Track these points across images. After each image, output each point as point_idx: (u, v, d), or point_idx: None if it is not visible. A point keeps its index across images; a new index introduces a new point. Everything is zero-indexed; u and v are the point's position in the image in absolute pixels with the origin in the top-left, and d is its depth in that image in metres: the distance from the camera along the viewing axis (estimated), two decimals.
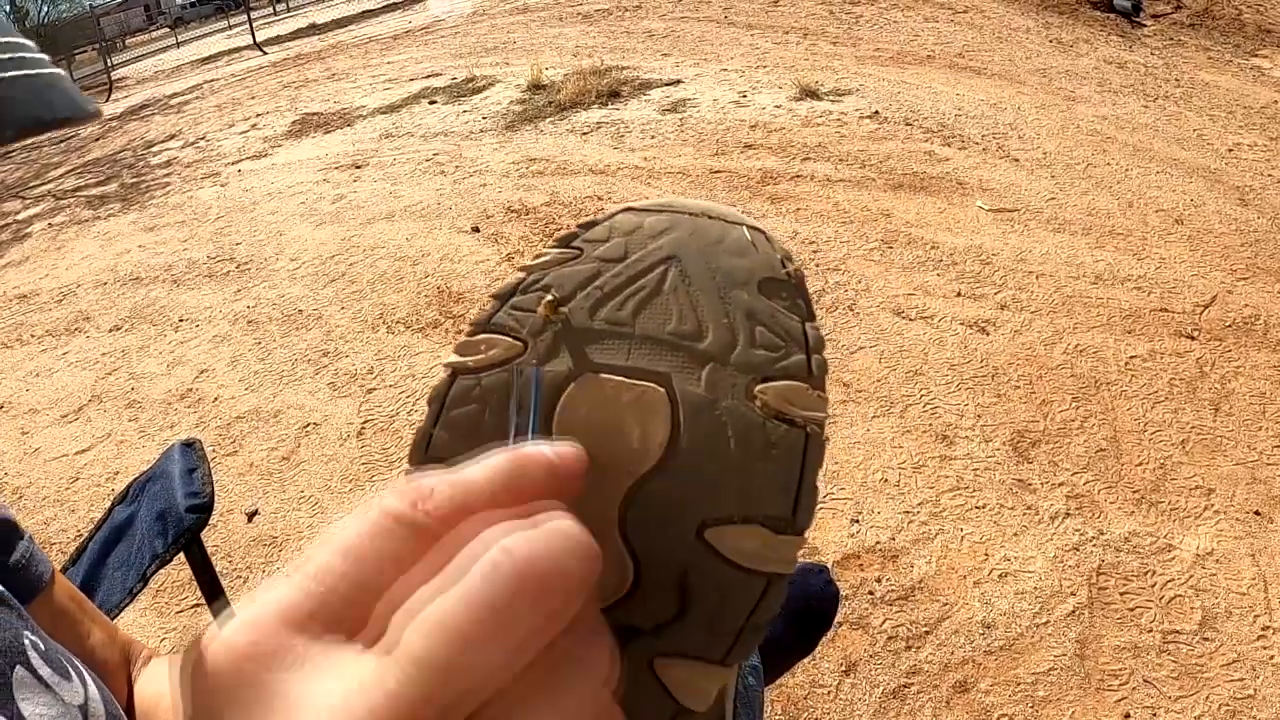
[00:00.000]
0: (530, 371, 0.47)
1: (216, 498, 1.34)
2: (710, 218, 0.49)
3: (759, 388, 0.45)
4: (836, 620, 2.47)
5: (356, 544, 0.34)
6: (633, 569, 0.45)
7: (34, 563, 0.84)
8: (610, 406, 0.45)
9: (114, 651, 0.91)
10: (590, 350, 0.46)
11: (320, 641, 0.32)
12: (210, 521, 1.32)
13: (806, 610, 1.76)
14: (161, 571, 2.99)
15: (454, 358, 0.48)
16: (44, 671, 0.71)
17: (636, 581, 0.45)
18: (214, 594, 1.35)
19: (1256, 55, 8.08)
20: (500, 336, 0.48)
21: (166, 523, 1.25)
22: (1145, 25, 9.15)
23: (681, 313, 0.46)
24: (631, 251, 0.48)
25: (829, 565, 2.35)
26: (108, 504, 1.43)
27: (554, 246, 0.50)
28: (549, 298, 0.47)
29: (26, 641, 0.72)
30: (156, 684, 0.90)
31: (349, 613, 0.33)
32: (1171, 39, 8.71)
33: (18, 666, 0.68)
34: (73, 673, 0.74)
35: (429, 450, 0.47)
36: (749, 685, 1.21)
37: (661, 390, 0.45)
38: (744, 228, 0.49)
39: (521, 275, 0.49)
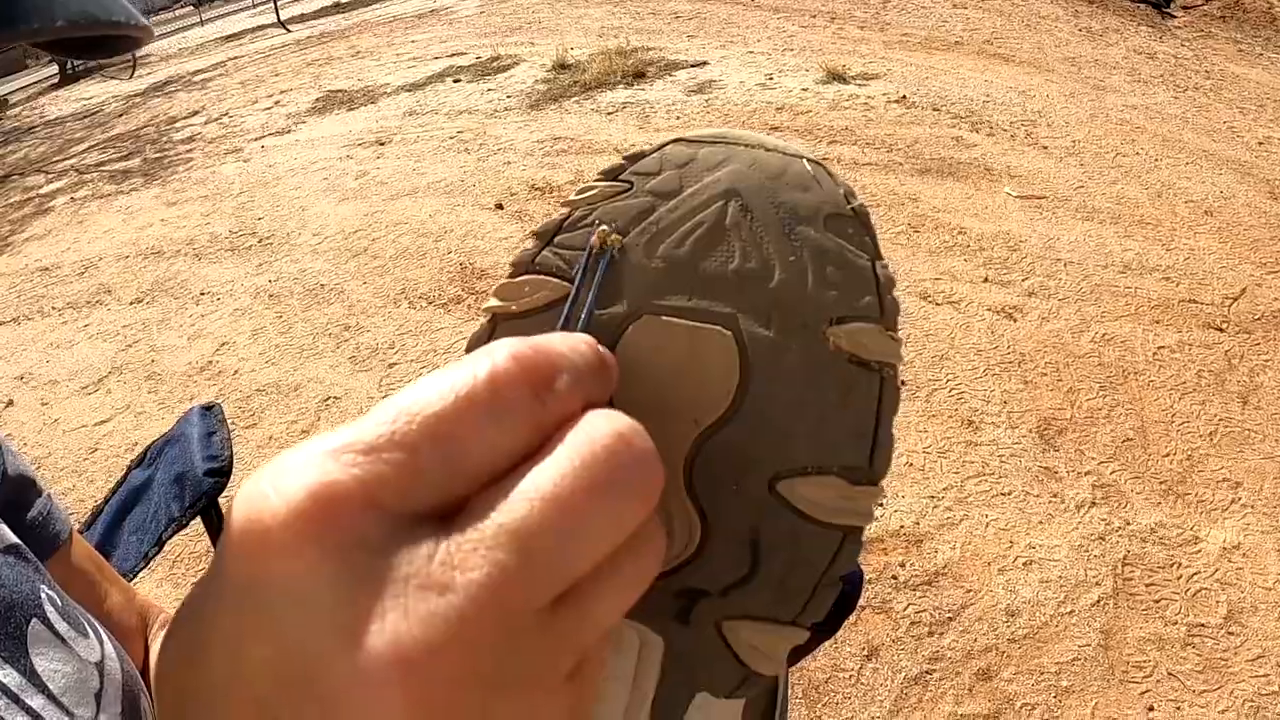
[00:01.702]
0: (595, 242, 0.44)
1: (235, 470, 1.33)
2: (767, 149, 0.46)
3: (830, 330, 0.42)
4: (859, 604, 2.46)
5: (459, 428, 0.30)
6: (700, 528, 0.42)
7: (51, 520, 0.83)
8: (673, 351, 0.42)
9: (131, 614, 0.89)
10: (648, 290, 0.43)
11: (406, 527, 0.29)
12: (228, 489, 1.31)
13: None
14: (178, 541, 2.98)
15: (495, 301, 0.45)
16: (61, 627, 0.69)
17: (703, 541, 0.42)
18: None
19: None
20: (546, 277, 0.45)
21: (184, 486, 1.23)
22: (1175, 16, 9.05)
23: (746, 250, 0.43)
24: (686, 185, 0.45)
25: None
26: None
27: (600, 179, 0.46)
28: (603, 228, 0.44)
29: (44, 595, 0.70)
30: None
31: (440, 497, 0.30)
32: (1201, 30, 8.61)
33: (34, 620, 0.67)
34: (89, 630, 0.73)
35: None
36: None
37: (729, 333, 0.42)
38: (804, 160, 0.45)
39: (566, 211, 0.45)
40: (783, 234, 0.43)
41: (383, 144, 7.27)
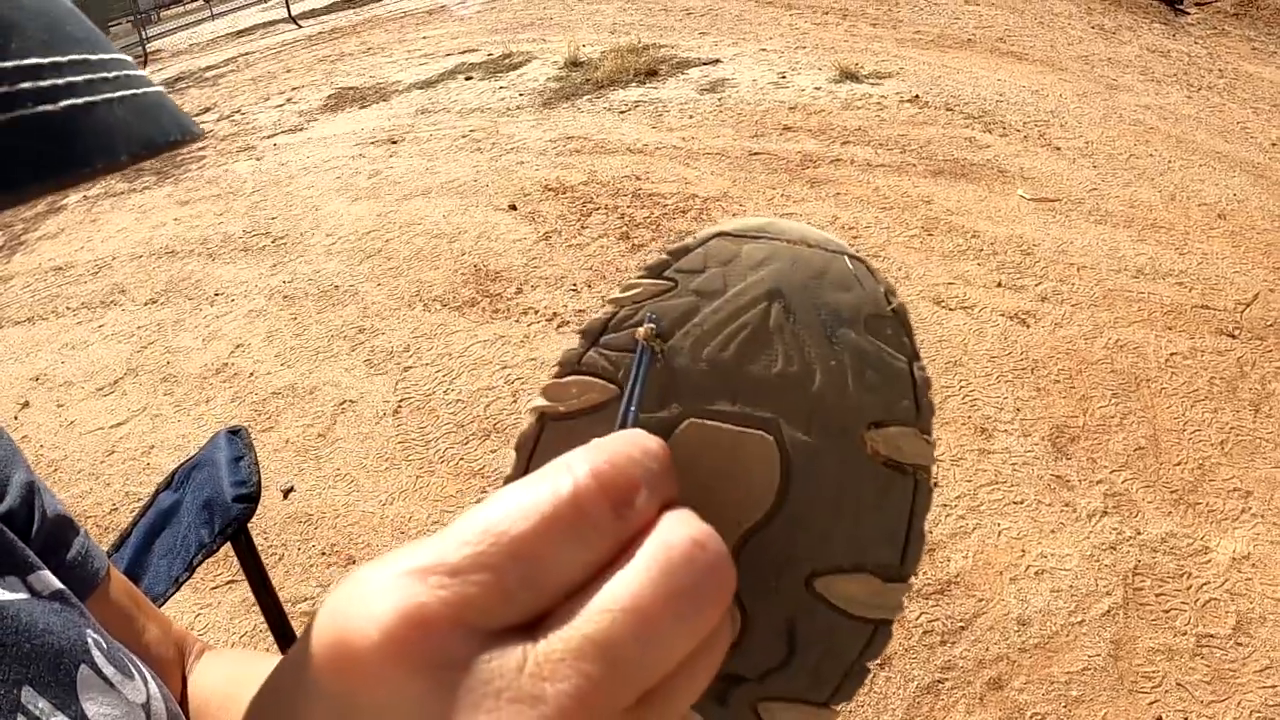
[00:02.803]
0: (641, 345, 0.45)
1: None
2: (810, 245, 0.47)
3: (868, 434, 0.44)
4: None
5: (542, 547, 0.32)
6: (740, 619, 0.44)
7: (90, 559, 0.85)
8: (717, 454, 0.44)
9: (169, 647, 0.91)
10: (694, 394, 0.44)
11: (493, 642, 0.31)
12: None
13: None
14: None
15: (541, 401, 0.46)
16: (108, 671, 0.71)
17: (743, 631, 0.44)
18: (260, 584, 1.35)
19: None
20: (593, 379, 0.46)
21: (213, 512, 1.25)
22: (1188, 14, 9.02)
23: (788, 354, 0.44)
24: (730, 284, 0.46)
25: None
26: (145, 477, 1.45)
27: (644, 276, 0.47)
28: (649, 326, 0.45)
29: (90, 640, 0.72)
30: (210, 679, 0.90)
31: (524, 613, 0.32)
32: (1215, 28, 8.58)
33: (82, 665, 0.69)
34: (134, 671, 0.75)
35: None
36: None
37: (771, 438, 0.43)
38: (846, 258, 0.46)
39: (612, 309, 0.46)
40: (824, 337, 0.44)
41: (395, 142, 7.29)
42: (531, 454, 0.46)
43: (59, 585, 0.75)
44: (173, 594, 1.19)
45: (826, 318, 0.45)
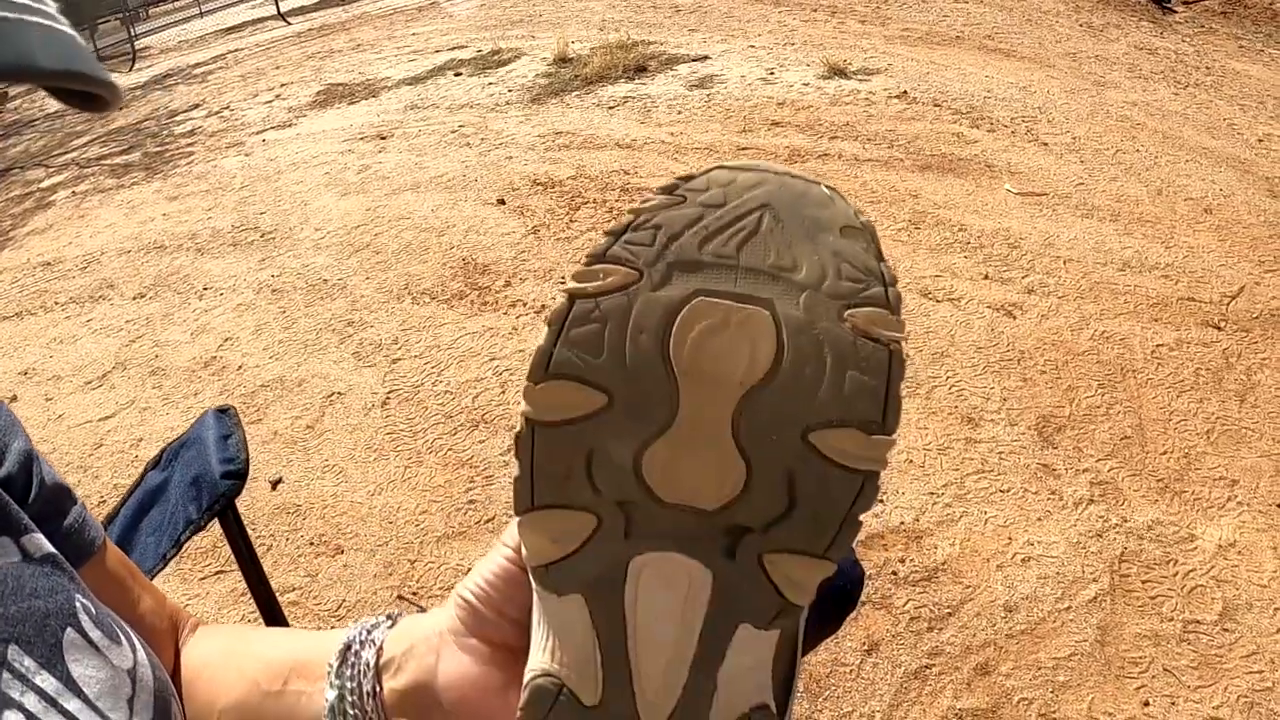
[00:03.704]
0: None
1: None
2: (793, 177, 0.55)
3: (848, 312, 0.51)
4: (860, 600, 2.49)
5: None
6: (745, 471, 0.51)
7: (86, 528, 0.86)
8: (721, 327, 0.51)
9: (162, 619, 0.92)
10: (699, 277, 0.52)
11: None
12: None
13: (831, 590, 1.77)
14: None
15: (572, 284, 0.53)
16: (94, 635, 0.72)
17: (747, 482, 0.51)
18: (249, 560, 1.36)
19: None
20: (616, 266, 0.53)
21: (201, 489, 1.25)
22: (1176, 12, 9.05)
23: (779, 250, 0.53)
24: (730, 199, 0.54)
25: (855, 549, 2.35)
26: (134, 469, 1.45)
27: (659, 194, 0.55)
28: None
29: (78, 605, 0.73)
30: (202, 651, 0.91)
31: None
32: (1202, 26, 8.61)
33: (69, 629, 0.69)
34: (122, 637, 0.75)
35: (549, 367, 0.53)
36: None
37: (767, 313, 0.51)
38: (822, 186, 0.54)
39: (632, 216, 0.54)
40: (807, 239, 0.53)
41: (384, 138, 7.28)
42: (563, 327, 0.53)
43: (51, 549, 0.76)
44: (161, 570, 1.19)
45: (809, 226, 0.53)
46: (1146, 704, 2.21)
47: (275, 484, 3.31)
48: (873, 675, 2.32)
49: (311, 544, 3.02)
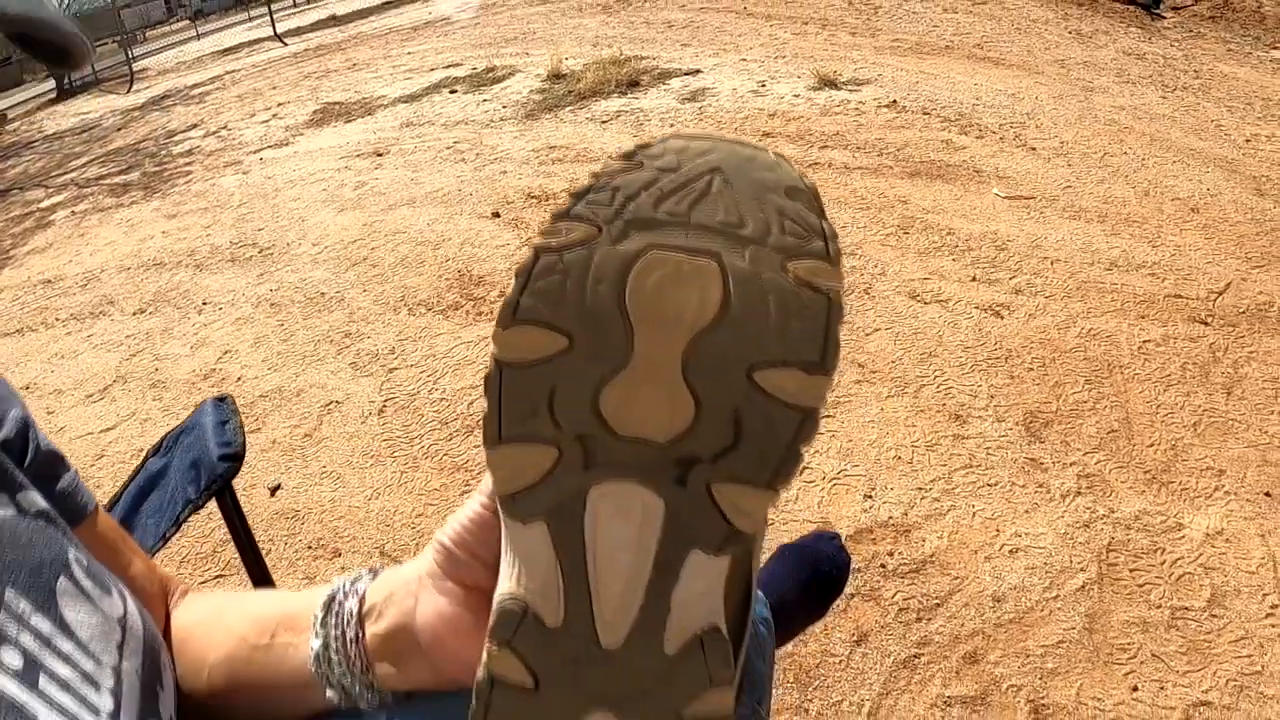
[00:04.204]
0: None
1: (239, 473, 1.39)
2: (742, 144, 0.60)
3: (790, 264, 0.56)
4: (848, 592, 2.52)
5: None
6: (693, 407, 0.56)
7: (79, 493, 0.90)
8: (672, 276, 0.56)
9: (153, 583, 0.96)
10: (654, 233, 0.57)
11: None
12: (236, 491, 1.38)
13: (817, 575, 1.81)
14: (184, 543, 3.04)
15: (538, 240, 0.58)
16: (86, 584, 0.76)
17: (696, 417, 0.56)
18: (245, 539, 1.40)
19: (1277, 47, 8.04)
20: (578, 223, 0.58)
21: (200, 471, 1.30)
22: (1165, 18, 9.11)
23: (728, 208, 0.57)
24: (683, 164, 0.58)
25: (841, 537, 2.38)
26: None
27: (618, 160, 0.60)
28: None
29: (71, 556, 0.77)
30: (192, 612, 0.95)
31: None
32: (1191, 31, 8.67)
33: (61, 577, 0.74)
34: (113, 589, 0.80)
35: (516, 314, 0.58)
36: (760, 634, 1.26)
37: (714, 264, 0.56)
38: (769, 152, 0.60)
39: (593, 179, 0.59)
40: (754, 199, 0.58)
41: (380, 155, 7.34)
42: (528, 278, 0.59)
43: (44, 505, 0.80)
44: (161, 549, 1.23)
45: (756, 187, 0.58)
46: (1135, 689, 2.24)
47: (274, 490, 3.35)
48: (862, 665, 2.35)
49: (310, 548, 3.06)
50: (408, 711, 0.75)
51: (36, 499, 0.80)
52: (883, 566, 2.61)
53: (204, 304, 5.09)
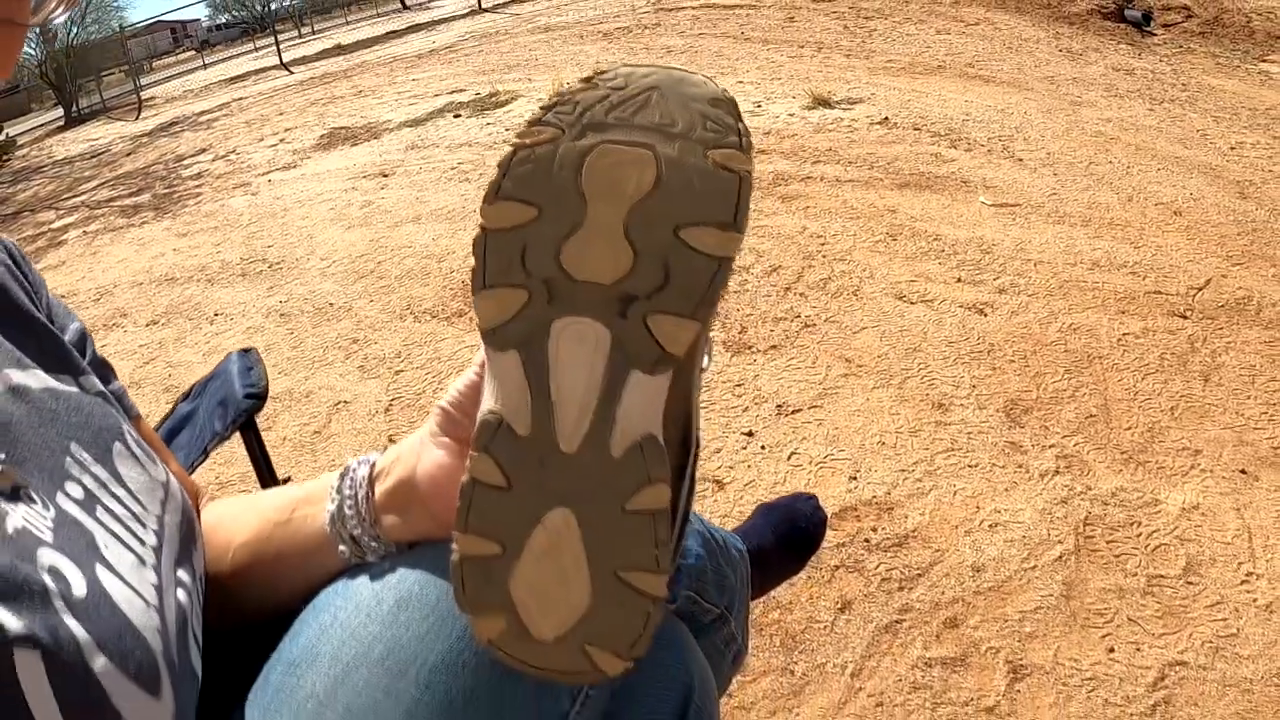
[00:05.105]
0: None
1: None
2: (678, 70, 0.77)
3: (710, 152, 0.71)
4: (832, 564, 2.63)
5: None
6: (632, 256, 0.71)
7: (125, 397, 1.04)
8: (618, 162, 0.72)
9: (186, 484, 1.09)
10: (604, 133, 0.73)
11: None
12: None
13: (794, 530, 1.94)
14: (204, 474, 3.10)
15: (515, 139, 0.74)
16: (137, 451, 0.91)
17: (634, 264, 0.71)
18: (266, 468, 1.52)
19: (1265, 60, 8.20)
20: (546, 128, 0.74)
21: (227, 407, 1.43)
22: (1155, 34, 9.28)
23: (662, 113, 0.73)
24: (630, 84, 0.75)
25: (828, 515, 2.48)
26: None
27: (579, 83, 0.76)
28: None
29: (124, 428, 0.92)
30: (220, 507, 1.08)
31: None
32: (1180, 47, 8.84)
33: (117, 442, 0.88)
34: (158, 461, 0.94)
35: (499, 193, 0.74)
36: (734, 552, 1.39)
37: (650, 153, 0.71)
38: (701, 75, 0.76)
39: (559, 97, 0.75)
40: (684, 106, 0.73)
41: (386, 176, 7.50)
42: (509, 166, 0.74)
43: (102, 388, 0.94)
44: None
45: (686, 98, 0.74)
46: (1111, 650, 2.33)
47: (284, 483, 3.46)
48: (845, 630, 2.46)
49: None
50: (410, 558, 0.87)
51: (96, 383, 0.94)
52: (866, 541, 2.72)
53: (215, 315, 5.23)
